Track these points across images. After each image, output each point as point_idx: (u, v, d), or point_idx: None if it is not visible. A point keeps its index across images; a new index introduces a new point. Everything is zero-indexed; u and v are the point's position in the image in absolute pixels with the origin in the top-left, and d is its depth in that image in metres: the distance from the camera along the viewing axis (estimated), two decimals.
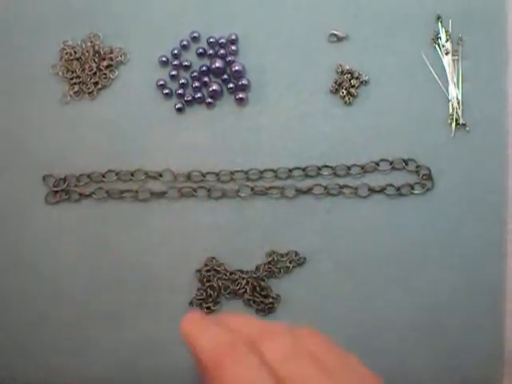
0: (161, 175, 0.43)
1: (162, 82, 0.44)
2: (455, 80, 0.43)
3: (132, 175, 0.43)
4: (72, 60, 0.44)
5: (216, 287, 0.41)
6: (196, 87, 0.44)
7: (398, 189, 0.42)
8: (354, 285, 0.41)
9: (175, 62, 0.44)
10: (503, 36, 0.43)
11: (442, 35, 0.43)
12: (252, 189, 0.43)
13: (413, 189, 0.42)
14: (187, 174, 0.43)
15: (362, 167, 0.42)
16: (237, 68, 0.43)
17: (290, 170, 0.43)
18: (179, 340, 0.42)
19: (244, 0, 0.45)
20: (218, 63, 0.43)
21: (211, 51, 0.44)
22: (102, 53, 0.44)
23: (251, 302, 0.41)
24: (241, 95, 0.43)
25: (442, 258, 0.42)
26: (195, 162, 0.43)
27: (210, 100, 0.43)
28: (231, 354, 0.31)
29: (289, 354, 0.31)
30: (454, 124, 0.43)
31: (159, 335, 0.42)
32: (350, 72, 0.43)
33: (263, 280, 0.42)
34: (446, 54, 0.43)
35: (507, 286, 0.41)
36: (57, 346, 0.42)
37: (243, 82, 0.43)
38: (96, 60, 0.44)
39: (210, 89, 0.43)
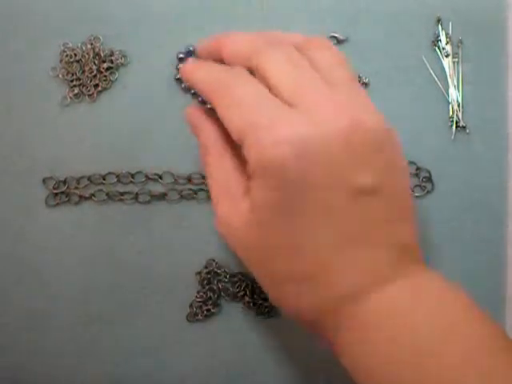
0: (161, 177, 0.43)
1: (180, 78, 0.43)
2: (455, 82, 0.43)
3: (132, 177, 0.43)
4: (72, 62, 0.44)
5: (216, 290, 0.41)
6: None
7: None
8: None
9: (181, 66, 0.44)
10: (503, 38, 0.43)
11: (442, 38, 0.44)
12: None
13: (413, 191, 0.42)
14: (188, 177, 0.43)
15: None
16: None
17: None
18: (179, 342, 0.42)
19: (243, 2, 0.45)
20: None
21: None
22: (102, 55, 0.44)
23: (251, 304, 0.41)
24: None
25: (441, 260, 0.42)
26: (196, 164, 0.43)
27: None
28: (233, 77, 0.31)
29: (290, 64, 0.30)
30: (454, 127, 0.43)
31: (159, 337, 0.42)
32: None
33: None
34: (446, 56, 0.43)
35: (507, 288, 0.41)
36: (56, 347, 0.42)
37: None
38: (96, 62, 0.44)
39: None
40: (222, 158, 0.32)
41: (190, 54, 0.43)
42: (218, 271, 0.42)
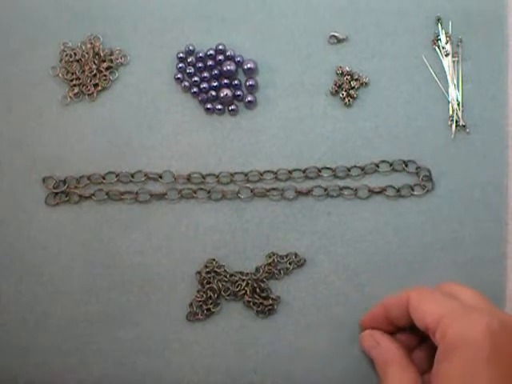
0: (161, 177, 0.43)
1: (180, 77, 0.44)
2: (455, 82, 0.43)
3: (132, 177, 0.43)
4: (72, 62, 0.44)
5: (216, 289, 0.41)
6: (204, 90, 0.44)
7: (398, 190, 0.42)
8: (353, 286, 0.41)
9: (181, 65, 0.44)
10: (503, 37, 0.44)
11: (442, 37, 0.44)
12: (252, 190, 0.43)
13: (413, 190, 0.42)
14: (187, 176, 0.43)
15: (362, 169, 0.43)
16: (249, 66, 0.43)
17: (290, 172, 0.43)
18: (179, 341, 0.42)
19: (242, 2, 0.45)
20: (231, 66, 0.43)
21: (211, 52, 0.44)
22: (101, 55, 0.44)
23: (251, 303, 0.41)
24: (250, 98, 0.43)
25: (442, 259, 0.42)
26: (195, 164, 0.43)
27: (219, 106, 0.43)
28: (456, 315, 0.33)
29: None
30: (454, 125, 0.43)
31: (159, 336, 0.41)
32: (350, 74, 0.43)
33: (263, 281, 0.41)
34: (446, 55, 0.43)
35: (507, 286, 0.41)
36: (56, 346, 0.42)
37: (251, 82, 0.43)
38: (96, 62, 0.44)
39: (222, 94, 0.43)
40: (406, 369, 0.35)
41: (189, 53, 0.44)
42: (218, 270, 0.42)
